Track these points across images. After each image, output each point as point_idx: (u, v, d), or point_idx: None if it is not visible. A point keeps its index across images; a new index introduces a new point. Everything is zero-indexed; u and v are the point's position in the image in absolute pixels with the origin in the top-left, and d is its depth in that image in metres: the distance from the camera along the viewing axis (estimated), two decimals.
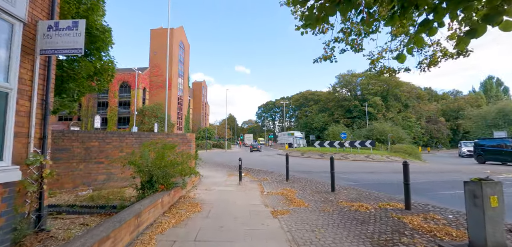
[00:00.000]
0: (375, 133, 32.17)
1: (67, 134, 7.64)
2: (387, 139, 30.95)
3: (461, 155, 29.24)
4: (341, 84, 73.73)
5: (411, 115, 61.23)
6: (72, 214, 5.42)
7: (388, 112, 64.53)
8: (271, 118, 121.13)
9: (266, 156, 28.73)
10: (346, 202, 6.59)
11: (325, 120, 69.79)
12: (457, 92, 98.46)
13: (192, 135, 11.06)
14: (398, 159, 24.15)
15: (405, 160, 6.30)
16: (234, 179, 11.48)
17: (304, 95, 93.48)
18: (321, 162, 20.01)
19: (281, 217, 5.53)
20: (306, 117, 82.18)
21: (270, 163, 19.32)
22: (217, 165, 17.22)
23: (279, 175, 12.15)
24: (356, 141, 25.88)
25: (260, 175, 12.55)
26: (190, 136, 10.88)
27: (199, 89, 77.95)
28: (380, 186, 9.39)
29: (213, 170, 14.67)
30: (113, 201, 6.61)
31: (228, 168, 15.54)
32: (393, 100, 67.73)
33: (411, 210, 5.78)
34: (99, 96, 48.71)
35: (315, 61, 5.80)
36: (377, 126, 33.18)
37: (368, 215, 5.49)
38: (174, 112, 52.45)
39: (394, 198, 6.97)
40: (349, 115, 66.93)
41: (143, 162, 5.95)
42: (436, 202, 6.72)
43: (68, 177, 7.56)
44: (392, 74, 6.04)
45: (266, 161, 21.45)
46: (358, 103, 65.68)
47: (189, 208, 6.32)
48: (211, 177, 12.15)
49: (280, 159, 23.35)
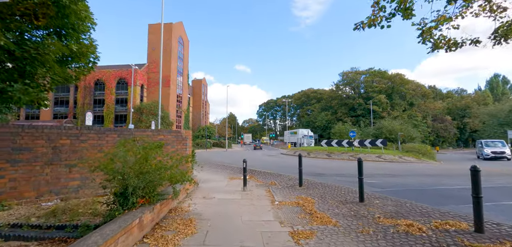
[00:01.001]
0: (384, 132, 30.57)
1: (28, 130, 6.08)
2: (396, 138, 29.37)
3: (483, 157, 23.49)
4: (344, 82, 72.06)
5: (417, 114, 59.56)
6: (13, 240, 3.86)
7: (393, 111, 62.89)
8: (272, 116, 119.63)
9: (269, 156, 27.19)
10: (387, 219, 5.02)
11: (328, 119, 68.17)
12: (462, 91, 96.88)
13: (188, 132, 9.50)
14: (411, 159, 22.60)
15: (475, 167, 4.72)
16: (237, 183, 9.94)
17: (306, 93, 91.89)
18: (331, 163, 18.43)
19: (306, 243, 3.98)
20: (308, 116, 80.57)
21: (275, 164, 17.76)
22: (217, 166, 15.66)
23: (289, 178, 10.59)
24: (366, 140, 24.30)
25: (267, 178, 10.99)
26: (186, 133, 9.33)
27: (199, 87, 76.36)
28: (412, 194, 7.82)
29: (213, 172, 13.12)
30: (81, 216, 5.06)
31: (230, 170, 13.99)
32: (398, 98, 66.08)
33: (485, 232, 4.21)
34: (95, 93, 47.19)
35: (356, 27, 4.23)
36: (385, 124, 31.56)
37: (428, 242, 3.92)
38: (173, 110, 50.92)
39: (447, 212, 5.39)
40: (353, 113, 65.29)
41: (115, 167, 4.38)
42: (505, 217, 5.16)
43: (30, 184, 6.00)
44: (452, 48, 4.46)
45: (271, 162, 19.89)
46: (362, 101, 64.02)
47: (180, 227, 4.77)
48: (210, 181, 10.60)
49: (285, 160, 21.79)
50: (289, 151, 32.31)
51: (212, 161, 19.23)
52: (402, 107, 64.92)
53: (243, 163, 9.28)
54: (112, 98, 46.07)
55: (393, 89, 65.55)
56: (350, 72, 71.19)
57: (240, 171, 13.31)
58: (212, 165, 16.28)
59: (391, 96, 64.90)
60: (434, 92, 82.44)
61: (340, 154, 24.59)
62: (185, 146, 9.21)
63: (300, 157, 9.23)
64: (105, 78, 46.24)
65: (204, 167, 14.68)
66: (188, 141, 9.44)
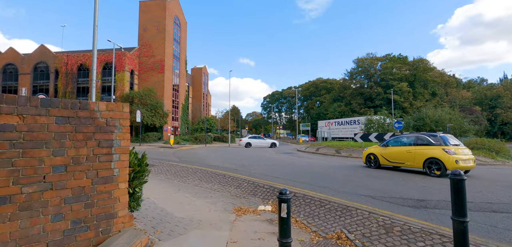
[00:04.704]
0: (428, 123, 24.17)
1: None
2: (445, 130, 22.94)
3: None
4: (359, 69, 65.15)
5: (445, 104, 52.77)
6: None
7: (416, 100, 56.19)
8: (277, 109, 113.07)
9: (289, 156, 20.93)
10: None
11: (342, 110, 61.61)
12: (482, 80, 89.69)
13: (115, 107, 3.19)
14: (488, 160, 16.32)
15: None
16: (254, 229, 3.61)
17: (314, 83, 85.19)
18: (387, 171, 12.08)
19: None
20: (318, 107, 74.03)
21: (310, 170, 11.46)
22: (210, 176, 9.18)
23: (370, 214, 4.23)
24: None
25: (327, 210, 4.69)
26: (105, 115, 3.07)
27: (199, 76, 69.90)
28: None
29: (200, 192, 6.89)
30: None
31: (234, 184, 7.71)
32: (420, 87, 59.25)
33: None
34: (78, 80, 41.09)
35: None
36: (429, 113, 25.09)
37: None
38: (169, 100, 44.70)
39: None
40: (370, 104, 58.60)
41: None
42: None
43: None
44: None
45: (299, 165, 13.57)
46: (381, 90, 57.25)
47: None
48: (187, 225, 4.30)
49: (318, 162, 15.49)
50: (310, 148, 25.96)
51: (207, 163, 13.00)
52: (425, 97, 58.16)
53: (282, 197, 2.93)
54: (97, 86, 39.95)
55: (415, 77, 58.64)
56: (365, 58, 64.23)
57: (254, 187, 7.08)
58: (204, 175, 9.79)
59: (413, 84, 58.08)
60: (456, 81, 75.41)
61: None
62: (100, 145, 2.95)
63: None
64: (89, 62, 40.08)
65: (186, 178, 8.44)
66: (117, 132, 3.21)
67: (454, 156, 9.05)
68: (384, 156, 11.43)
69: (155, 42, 42.83)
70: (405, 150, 10.66)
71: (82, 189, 2.84)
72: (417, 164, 10.11)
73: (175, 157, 16.30)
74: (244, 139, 32.23)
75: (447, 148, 9.38)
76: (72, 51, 45.38)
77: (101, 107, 3.06)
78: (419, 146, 10.24)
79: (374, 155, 11.87)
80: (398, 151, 10.89)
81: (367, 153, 12.26)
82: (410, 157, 10.35)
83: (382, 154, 11.54)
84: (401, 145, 10.99)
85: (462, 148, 9.85)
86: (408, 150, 10.52)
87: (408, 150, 10.52)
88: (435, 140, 9.88)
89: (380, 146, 12.02)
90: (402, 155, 10.68)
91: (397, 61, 60.83)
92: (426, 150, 9.85)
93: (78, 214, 2.80)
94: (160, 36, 42.77)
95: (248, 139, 31.99)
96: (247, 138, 32.79)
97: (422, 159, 9.86)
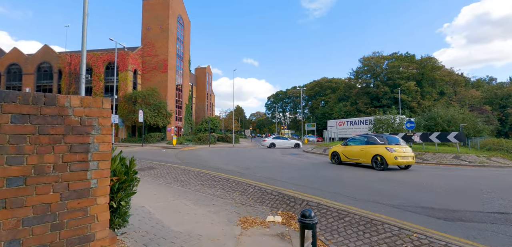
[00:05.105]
0: (439, 122, 23.21)
1: None
2: (458, 130, 21.98)
3: None
4: (365, 68, 63.99)
5: (454, 103, 51.43)
6: None
7: (424, 100, 54.93)
8: (281, 109, 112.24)
9: (296, 157, 20.19)
10: None
11: (347, 110, 60.56)
12: (491, 79, 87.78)
13: (92, 102, 2.56)
14: (508, 161, 15.38)
15: None
16: None
17: (319, 83, 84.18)
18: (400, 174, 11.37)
19: None
20: (323, 107, 73.07)
21: (319, 173, 10.77)
22: (213, 181, 8.62)
23: None
24: (432, 134, 17.08)
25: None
26: (79, 112, 2.45)
27: (203, 75, 69.45)
28: None
29: (202, 198, 6.26)
30: None
31: (239, 189, 7.06)
32: (428, 86, 57.92)
33: None
34: None
35: None
36: (440, 112, 24.10)
37: None
38: (172, 100, 44.26)
39: None
40: (377, 103, 57.44)
41: None
42: None
43: None
44: None
45: (307, 167, 12.87)
46: (388, 89, 56.08)
47: None
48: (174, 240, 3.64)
49: (326, 164, 14.76)
50: (317, 149, 25.21)
51: (210, 165, 12.38)
52: (433, 96, 56.84)
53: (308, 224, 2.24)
54: (100, 86, 39.69)
55: (423, 76, 57.34)
56: (372, 57, 63.03)
57: (261, 194, 6.45)
58: (206, 179, 9.15)
59: (420, 83, 56.80)
60: (465, 80, 73.75)
61: None
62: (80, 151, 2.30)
63: None
64: (92, 62, 39.81)
65: (187, 183, 7.79)
66: (95, 133, 2.57)
67: (393, 154, 10.61)
68: (344, 153, 12.84)
69: (158, 41, 42.45)
70: (359, 149, 12.07)
71: (48, 206, 2.22)
72: (367, 160, 11.54)
73: (177, 158, 15.73)
74: (268, 140, 31.56)
75: (389, 147, 10.92)
76: (76, 51, 45.25)
77: (74, 103, 2.44)
78: (369, 145, 11.69)
79: (336, 153, 13.27)
80: (354, 149, 12.34)
81: (332, 151, 13.62)
82: (362, 154, 11.81)
83: (342, 152, 12.97)
84: (357, 144, 12.40)
85: (403, 147, 11.17)
86: (361, 149, 11.96)
87: (361, 149, 11.96)
88: (381, 140, 11.41)
89: (341, 145, 13.41)
90: (357, 153, 12.15)
91: (404, 60, 59.54)
92: (373, 149, 11.34)
93: (42, 239, 2.19)
94: (163, 35, 42.37)
95: (272, 139, 31.35)
96: (271, 138, 32.10)
97: (370, 156, 11.32)
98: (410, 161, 10.93)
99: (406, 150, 11.05)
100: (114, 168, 2.97)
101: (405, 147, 11.26)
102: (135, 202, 6.02)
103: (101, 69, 39.73)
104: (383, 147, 10.99)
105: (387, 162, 10.62)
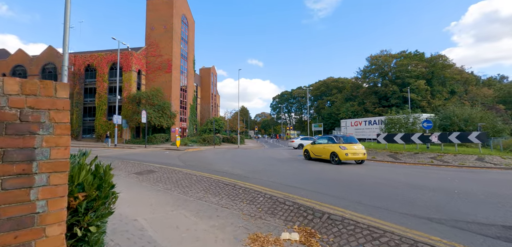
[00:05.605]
0: (455, 121, 22.01)
1: None
2: (476, 129, 20.80)
3: None
4: (372, 67, 62.57)
5: (465, 102, 49.76)
6: None
7: (434, 99, 53.35)
8: (287, 109, 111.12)
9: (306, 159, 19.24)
10: None
11: (355, 110, 59.25)
12: (502, 78, 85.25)
13: (39, 89, 1.73)
14: None
15: None
16: None
17: (325, 82, 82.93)
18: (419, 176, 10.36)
19: None
20: (329, 107, 71.80)
21: (333, 176, 9.85)
22: (213, 188, 7.72)
23: None
24: (452, 134, 15.96)
25: None
26: (18, 103, 1.65)
27: (208, 76, 68.93)
28: None
29: (204, 207, 5.42)
30: None
31: (244, 198, 6.20)
32: (438, 84, 56.24)
33: None
34: (86, 81, 40.61)
35: None
36: (457, 111, 22.89)
37: None
38: (177, 100, 43.69)
39: None
40: (385, 102, 56.05)
41: None
42: None
43: None
44: None
45: (320, 170, 11.95)
46: (397, 88, 54.62)
47: None
48: None
49: (339, 166, 13.83)
50: None
51: (215, 168, 11.56)
52: (444, 95, 55.17)
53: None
54: (104, 86, 39.29)
55: (433, 74, 55.72)
56: (379, 56, 61.60)
57: (272, 204, 5.61)
58: (210, 184, 8.25)
59: (430, 82, 55.20)
60: (476, 78, 71.63)
61: (412, 156, 16.37)
62: (19, 159, 1.39)
63: None
64: (96, 63, 39.48)
65: (189, 189, 6.92)
66: (44, 133, 1.73)
67: (345, 151, 12.92)
68: (313, 151, 15.31)
69: (162, 41, 41.95)
70: (322, 147, 14.46)
71: None
72: (327, 157, 13.90)
73: (179, 161, 14.97)
74: (297, 141, 30.74)
75: (342, 145, 13.35)
76: (80, 52, 45.07)
77: (9, 88, 1.64)
78: (329, 144, 14.13)
79: (307, 151, 15.88)
80: (320, 147, 14.70)
81: (304, 149, 16.26)
82: (324, 152, 14.19)
83: (311, 150, 15.48)
84: (322, 143, 14.73)
85: (354, 145, 13.35)
86: (324, 147, 14.33)
87: (324, 147, 14.33)
88: (337, 140, 13.89)
89: (310, 144, 15.83)
90: (321, 150, 14.52)
91: (413, 58, 57.97)
92: (331, 147, 13.75)
93: None
94: (167, 35, 41.85)
95: (300, 140, 30.52)
96: (299, 139, 31.24)
97: (329, 152, 13.75)
98: (361, 157, 13.00)
99: (356, 149, 13.10)
100: (81, 180, 2.19)
101: (357, 146, 13.31)
102: (127, 213, 5.23)
103: (105, 69, 39.38)
104: (337, 146, 13.34)
105: (340, 157, 12.93)
